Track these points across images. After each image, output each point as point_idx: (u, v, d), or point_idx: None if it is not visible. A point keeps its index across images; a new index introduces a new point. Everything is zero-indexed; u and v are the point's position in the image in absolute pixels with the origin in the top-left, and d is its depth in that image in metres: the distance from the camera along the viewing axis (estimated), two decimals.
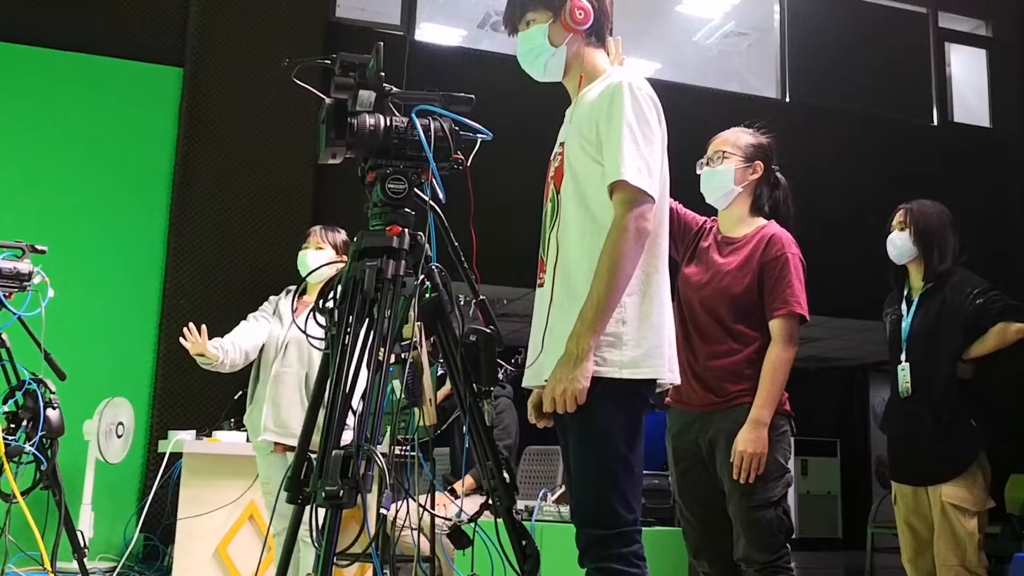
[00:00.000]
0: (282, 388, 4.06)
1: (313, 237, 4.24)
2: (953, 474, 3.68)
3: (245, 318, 4.27)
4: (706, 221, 3.35)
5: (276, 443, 4.04)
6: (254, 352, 4.17)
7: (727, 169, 3.22)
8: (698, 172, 3.29)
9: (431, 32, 9.45)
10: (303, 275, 4.14)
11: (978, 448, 3.70)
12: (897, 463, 3.93)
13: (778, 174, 3.32)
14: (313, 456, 2.07)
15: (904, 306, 3.96)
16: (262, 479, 4.27)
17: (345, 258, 4.14)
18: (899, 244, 3.91)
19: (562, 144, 2.51)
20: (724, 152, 3.24)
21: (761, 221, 3.24)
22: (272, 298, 4.35)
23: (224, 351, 4.02)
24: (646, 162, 2.30)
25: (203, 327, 3.95)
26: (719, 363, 3.10)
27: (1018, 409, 9.21)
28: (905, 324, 3.91)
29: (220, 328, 4.19)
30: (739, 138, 3.28)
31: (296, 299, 4.19)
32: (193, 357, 3.97)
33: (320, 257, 4.13)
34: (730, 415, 3.03)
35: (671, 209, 3.31)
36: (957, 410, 3.73)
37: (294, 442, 3.96)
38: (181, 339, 3.92)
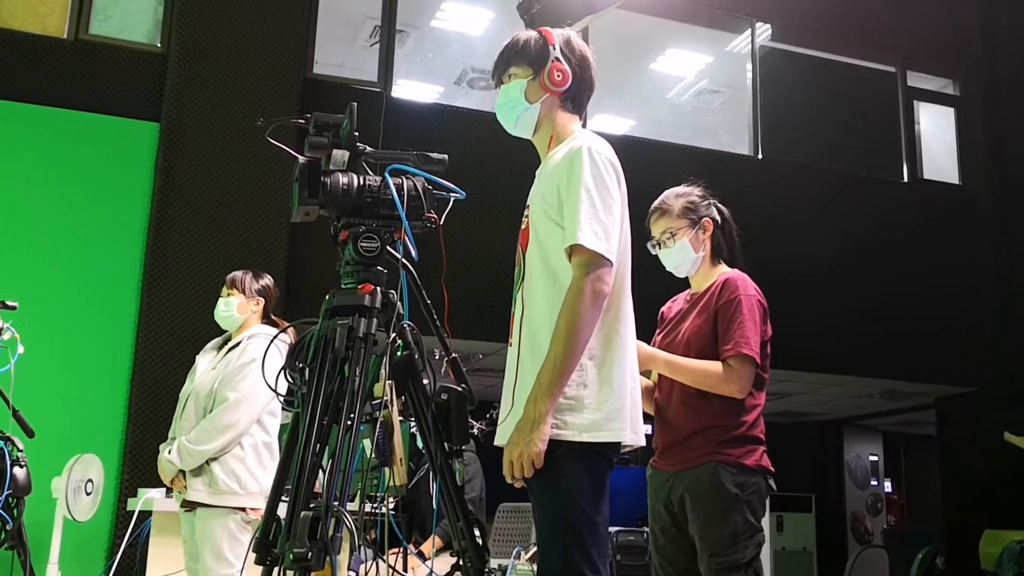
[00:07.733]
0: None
1: (225, 286, 4.20)
2: None
3: None
4: (664, 310, 3.31)
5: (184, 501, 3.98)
6: None
7: (682, 245, 3.14)
8: (652, 252, 3.21)
9: (408, 89, 9.55)
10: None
11: None
12: None
13: (715, 205, 3.23)
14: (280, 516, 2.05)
15: None
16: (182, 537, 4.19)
17: (260, 300, 4.15)
18: None
19: (528, 206, 2.55)
20: (670, 230, 3.15)
21: (722, 269, 3.18)
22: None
23: None
24: (603, 226, 2.33)
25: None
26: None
27: (988, 468, 9.26)
28: None
29: None
30: (672, 208, 3.17)
31: (219, 350, 4.16)
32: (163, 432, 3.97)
33: (226, 306, 4.14)
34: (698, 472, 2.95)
35: None
36: None
37: (192, 496, 3.90)
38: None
